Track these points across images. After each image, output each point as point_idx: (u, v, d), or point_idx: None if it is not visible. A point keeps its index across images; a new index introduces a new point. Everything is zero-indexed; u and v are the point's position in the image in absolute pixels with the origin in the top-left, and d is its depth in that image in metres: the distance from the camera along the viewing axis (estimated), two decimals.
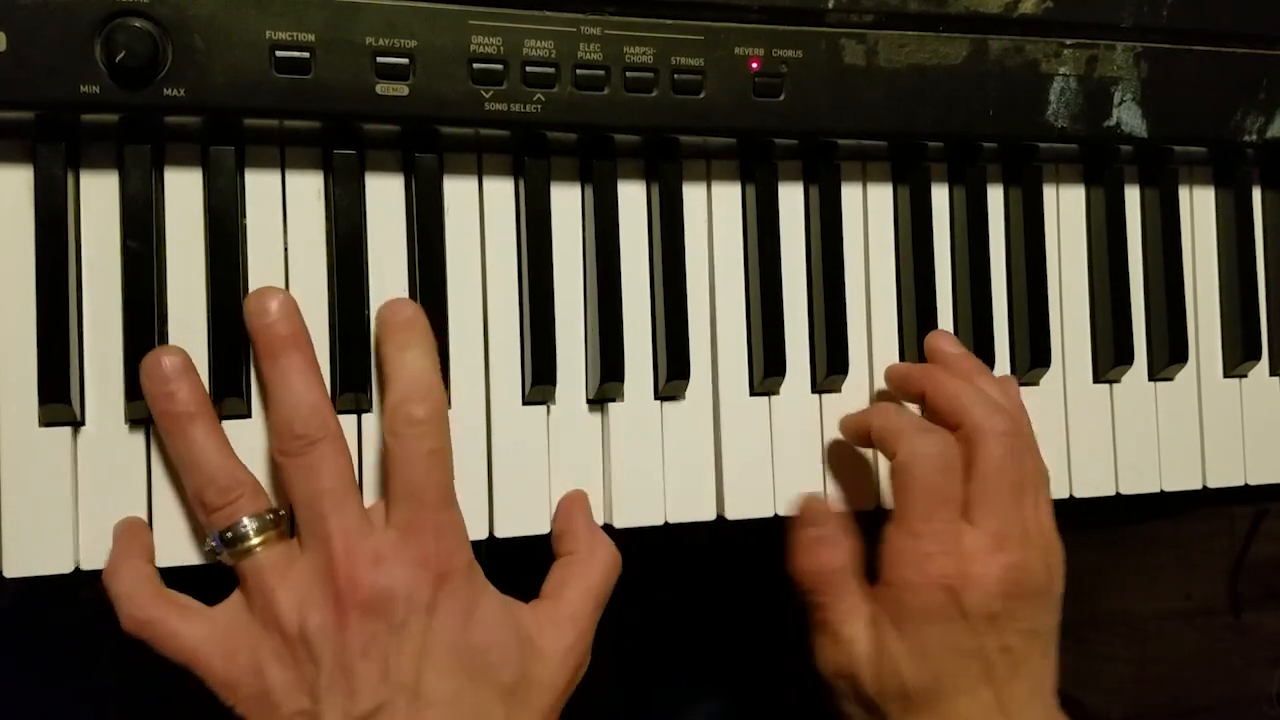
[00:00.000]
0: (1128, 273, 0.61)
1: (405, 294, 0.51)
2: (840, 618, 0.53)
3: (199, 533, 0.48)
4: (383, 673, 0.43)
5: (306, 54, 0.47)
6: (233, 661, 0.44)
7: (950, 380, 0.54)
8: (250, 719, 0.44)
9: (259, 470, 0.48)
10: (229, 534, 0.45)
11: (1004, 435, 0.51)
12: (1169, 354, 0.61)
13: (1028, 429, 0.54)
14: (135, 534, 0.47)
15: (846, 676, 0.53)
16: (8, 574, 0.46)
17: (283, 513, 0.46)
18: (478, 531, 0.51)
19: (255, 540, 0.45)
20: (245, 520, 0.45)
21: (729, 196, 0.56)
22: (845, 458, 0.57)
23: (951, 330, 0.59)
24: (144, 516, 0.48)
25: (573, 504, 0.53)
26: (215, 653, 0.44)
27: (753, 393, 0.56)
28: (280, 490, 0.47)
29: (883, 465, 0.57)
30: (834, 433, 0.57)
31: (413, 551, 0.45)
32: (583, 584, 0.49)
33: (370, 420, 0.50)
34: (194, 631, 0.45)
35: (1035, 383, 0.60)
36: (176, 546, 0.48)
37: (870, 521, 0.56)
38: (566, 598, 0.49)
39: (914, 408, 0.56)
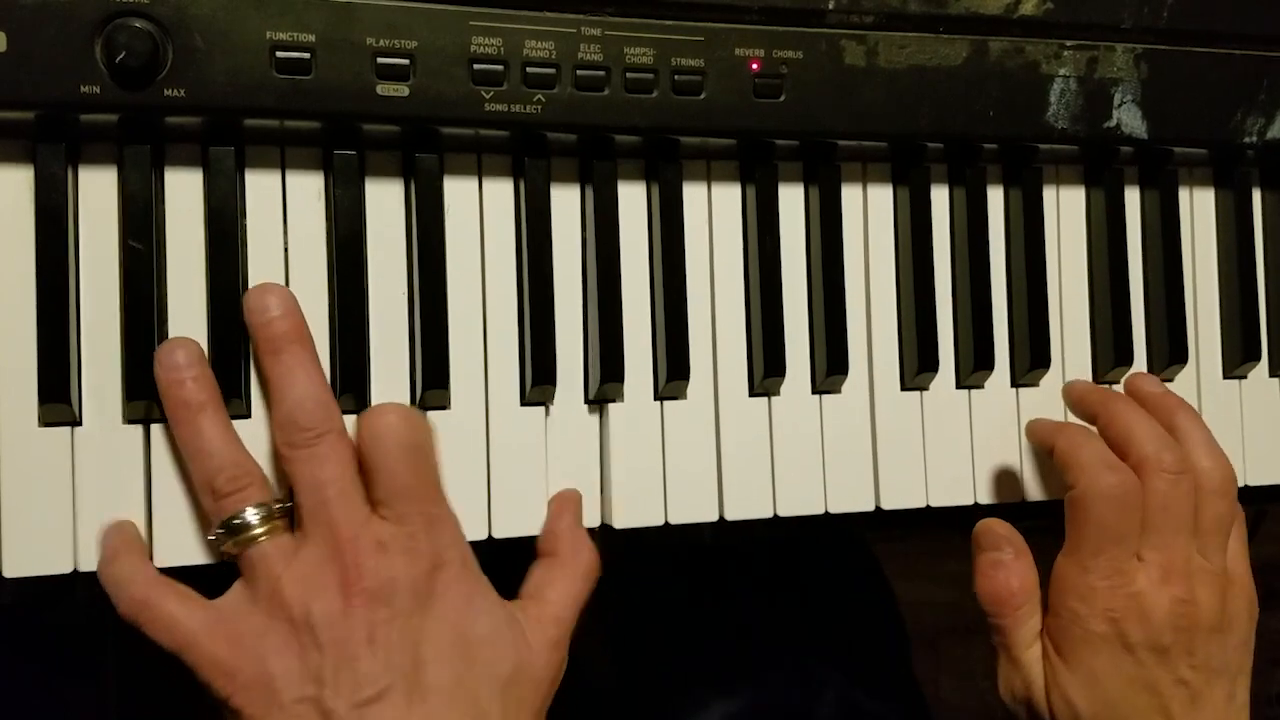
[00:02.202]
0: (1128, 273, 0.61)
1: (405, 294, 0.51)
2: (1021, 642, 0.54)
3: (200, 533, 0.48)
4: (386, 659, 0.44)
5: (307, 54, 0.47)
6: (234, 648, 0.44)
7: (1126, 412, 0.55)
8: (247, 708, 0.43)
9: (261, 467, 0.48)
10: (235, 522, 0.45)
11: (1167, 471, 0.52)
12: (1169, 355, 0.61)
13: (1218, 471, 0.54)
14: (127, 530, 0.47)
15: (1024, 704, 0.54)
16: (7, 574, 0.46)
17: (288, 504, 0.46)
18: (476, 532, 0.51)
19: (261, 529, 0.45)
20: (251, 509, 0.45)
21: (729, 197, 0.56)
22: (845, 457, 0.57)
23: (951, 330, 0.59)
24: (143, 516, 0.48)
25: (562, 504, 0.53)
26: (215, 639, 0.44)
27: (752, 393, 0.56)
28: (282, 485, 0.47)
29: (882, 465, 0.57)
30: (833, 433, 0.57)
31: (411, 543, 0.45)
32: (564, 587, 0.50)
33: None
34: (192, 616, 0.44)
35: (1035, 384, 0.60)
36: (177, 546, 0.48)
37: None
38: (549, 599, 0.49)
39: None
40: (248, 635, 0.44)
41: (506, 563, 0.51)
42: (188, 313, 0.49)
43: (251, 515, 0.45)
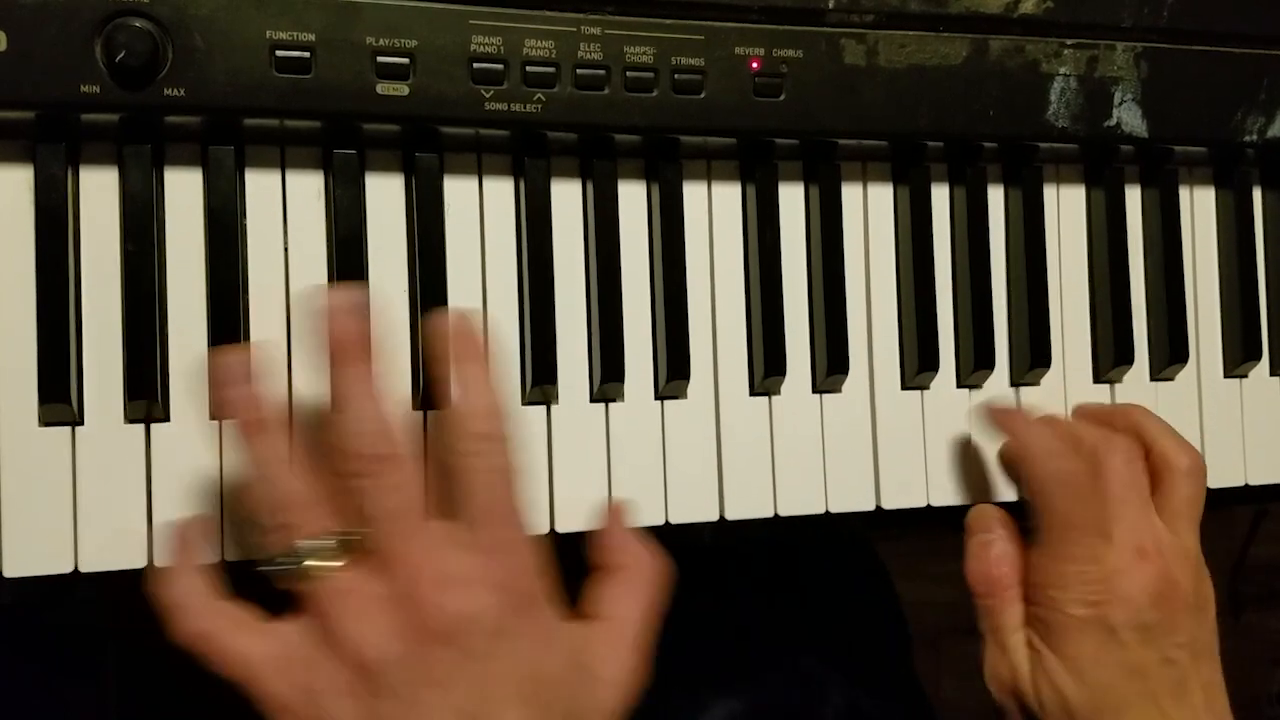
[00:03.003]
0: (1128, 273, 0.61)
1: (405, 294, 0.51)
2: (1007, 625, 0.54)
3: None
4: (450, 702, 0.41)
5: (307, 54, 0.47)
6: (293, 688, 0.41)
7: (1061, 419, 0.56)
8: None
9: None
10: (295, 555, 0.42)
11: (1119, 451, 0.53)
12: (1169, 354, 0.61)
13: (1185, 455, 0.55)
14: (190, 539, 0.45)
15: (1011, 692, 0.54)
16: (7, 574, 0.46)
17: (352, 536, 0.43)
18: None
19: (320, 563, 0.42)
20: (310, 543, 0.42)
21: (729, 196, 0.56)
22: (845, 456, 0.57)
23: (951, 329, 0.59)
24: (143, 516, 0.48)
25: (614, 514, 0.51)
26: (273, 673, 0.41)
27: (753, 392, 0.56)
28: (341, 509, 0.44)
29: (883, 464, 0.57)
30: (834, 432, 0.57)
31: (484, 574, 0.42)
32: (634, 601, 0.47)
33: None
34: (251, 648, 0.42)
35: (1035, 383, 0.60)
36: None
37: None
38: (623, 617, 0.47)
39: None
40: (303, 672, 0.41)
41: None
42: (188, 312, 0.49)
43: (311, 548, 0.42)
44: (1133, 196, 0.63)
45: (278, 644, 0.42)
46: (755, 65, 0.52)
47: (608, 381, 0.53)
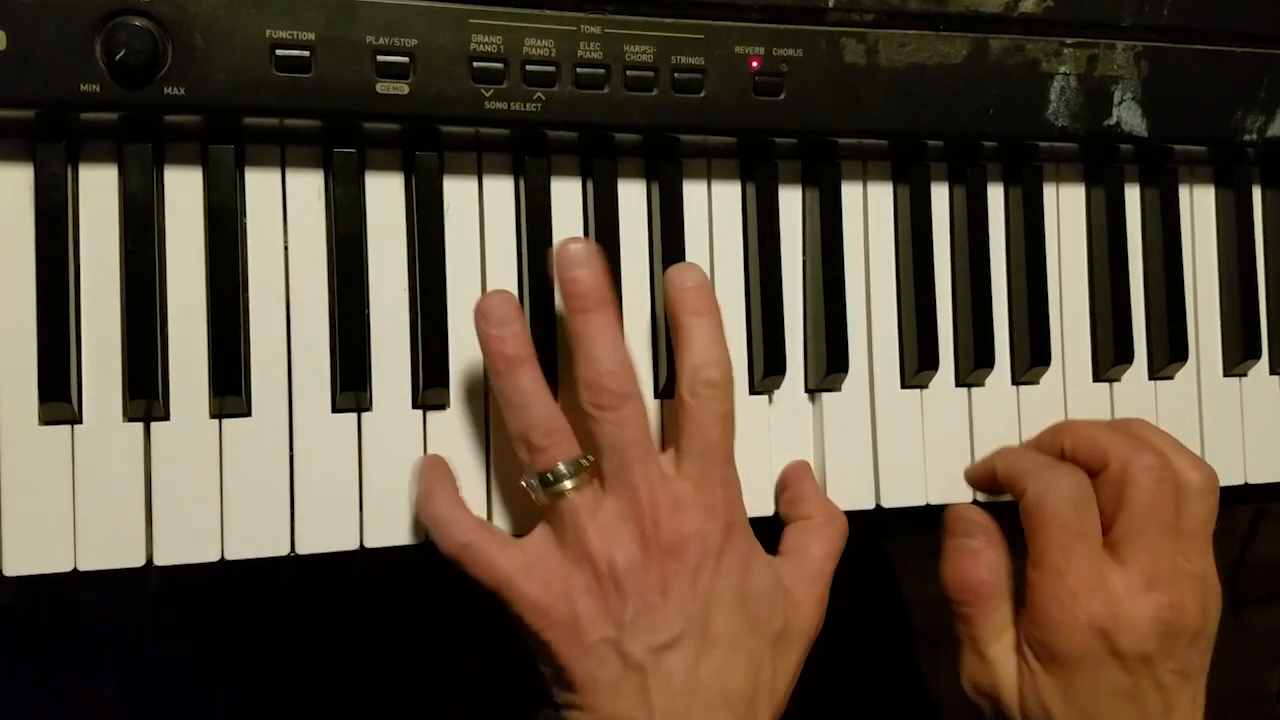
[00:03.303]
0: (1128, 272, 0.61)
1: (405, 294, 0.51)
2: (987, 635, 0.54)
3: (204, 530, 0.48)
4: (679, 609, 0.47)
5: (307, 52, 0.47)
6: (546, 589, 0.47)
7: (1087, 427, 0.55)
8: (556, 643, 0.47)
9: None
10: (549, 475, 0.48)
11: (1149, 470, 0.52)
12: (1169, 353, 0.61)
13: (1198, 471, 0.53)
14: (440, 467, 0.50)
15: (990, 699, 0.54)
16: (7, 573, 0.46)
17: (592, 459, 0.49)
18: None
19: (570, 483, 0.48)
20: (563, 464, 0.48)
21: (729, 195, 0.56)
22: (845, 455, 0.57)
23: (951, 328, 0.59)
24: (143, 515, 0.48)
25: (801, 472, 0.55)
26: (529, 580, 0.47)
27: (752, 391, 0.56)
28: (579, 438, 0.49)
29: (882, 463, 0.57)
30: (832, 430, 0.57)
31: (705, 500, 0.48)
32: (824, 546, 0.53)
33: (369, 420, 0.50)
34: (509, 559, 0.48)
35: (1035, 382, 0.60)
36: (175, 547, 0.48)
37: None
38: (811, 556, 0.52)
39: None
40: (556, 578, 0.48)
41: None
42: (188, 312, 0.49)
43: (563, 469, 0.48)
44: (1133, 196, 0.63)
45: (530, 555, 0.48)
46: (755, 64, 0.52)
47: None
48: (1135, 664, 0.50)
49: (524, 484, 0.49)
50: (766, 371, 0.55)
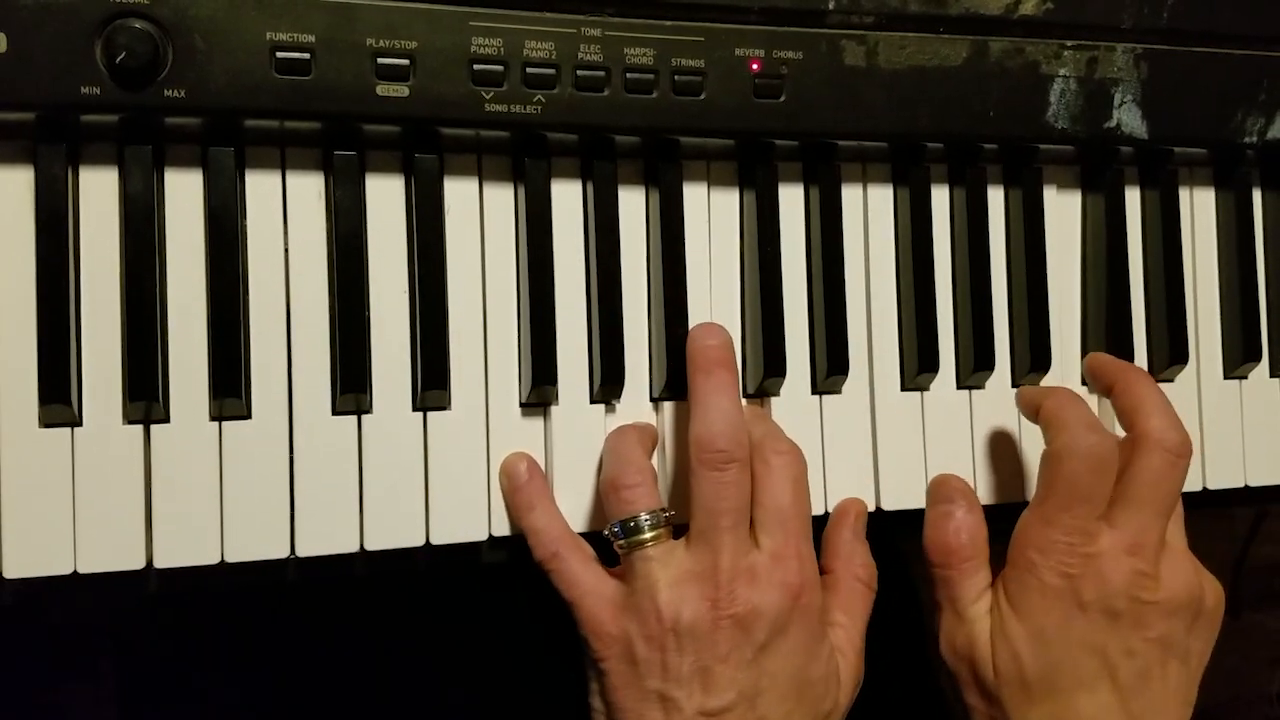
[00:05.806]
0: (1128, 274, 0.61)
1: (405, 296, 0.51)
2: (965, 596, 0.54)
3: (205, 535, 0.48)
4: (734, 679, 0.48)
5: (307, 55, 0.47)
6: (615, 623, 0.49)
7: (1143, 383, 0.55)
8: (613, 675, 0.49)
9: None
10: (630, 524, 0.49)
11: (1169, 451, 0.52)
12: (1169, 355, 0.61)
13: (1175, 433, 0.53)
14: (538, 477, 0.52)
15: (966, 660, 0.54)
16: (7, 574, 0.46)
17: (672, 513, 0.50)
18: (476, 534, 0.51)
19: (649, 535, 0.49)
20: (643, 515, 0.49)
21: (729, 198, 0.56)
22: (845, 457, 0.57)
23: (951, 330, 0.59)
24: (142, 518, 0.48)
25: (842, 515, 0.56)
26: (603, 603, 0.49)
27: (753, 393, 0.56)
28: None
29: (883, 465, 0.57)
30: (833, 433, 0.57)
31: (780, 576, 0.49)
32: (865, 613, 0.54)
33: (369, 422, 0.50)
34: (592, 579, 0.50)
35: (1035, 384, 0.60)
36: (175, 548, 0.48)
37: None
38: (841, 623, 0.53)
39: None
40: (625, 616, 0.49)
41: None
42: (188, 313, 0.49)
43: (644, 521, 0.49)
44: (1133, 198, 0.63)
45: (609, 586, 0.50)
46: (755, 67, 0.52)
47: (607, 383, 0.53)
48: (1102, 619, 0.51)
49: (605, 533, 0.50)
50: (766, 373, 0.55)
